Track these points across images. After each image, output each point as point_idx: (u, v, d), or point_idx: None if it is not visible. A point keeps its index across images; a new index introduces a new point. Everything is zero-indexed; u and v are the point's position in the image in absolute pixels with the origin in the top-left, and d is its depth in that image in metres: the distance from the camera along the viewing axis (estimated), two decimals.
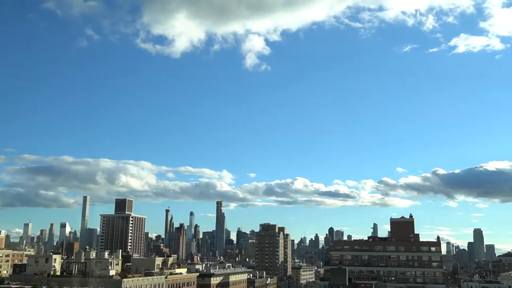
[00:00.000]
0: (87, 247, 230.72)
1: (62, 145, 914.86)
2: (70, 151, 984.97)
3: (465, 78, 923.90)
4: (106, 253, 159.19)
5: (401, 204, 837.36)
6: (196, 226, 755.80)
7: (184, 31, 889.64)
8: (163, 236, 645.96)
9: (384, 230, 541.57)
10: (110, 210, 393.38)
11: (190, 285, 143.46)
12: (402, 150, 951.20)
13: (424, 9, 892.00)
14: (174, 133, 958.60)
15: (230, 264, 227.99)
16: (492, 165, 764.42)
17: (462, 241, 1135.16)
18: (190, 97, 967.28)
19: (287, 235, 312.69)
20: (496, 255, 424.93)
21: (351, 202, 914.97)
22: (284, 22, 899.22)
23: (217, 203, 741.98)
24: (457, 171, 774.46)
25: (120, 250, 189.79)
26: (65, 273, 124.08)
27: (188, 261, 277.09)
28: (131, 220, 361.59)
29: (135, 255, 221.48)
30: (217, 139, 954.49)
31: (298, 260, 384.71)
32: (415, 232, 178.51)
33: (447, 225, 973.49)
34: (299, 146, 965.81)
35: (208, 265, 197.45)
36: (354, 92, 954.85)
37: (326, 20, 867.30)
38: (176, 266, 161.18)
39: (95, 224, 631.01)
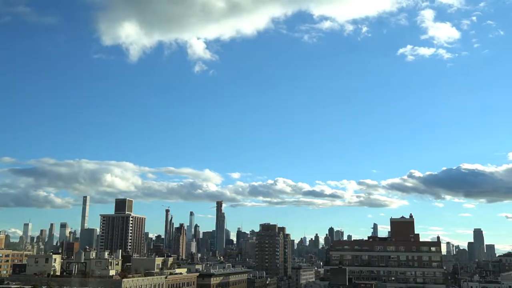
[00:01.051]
0: (87, 247, 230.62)
1: (39, 147, 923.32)
2: (48, 153, 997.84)
3: (423, 85, 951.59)
4: (106, 253, 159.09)
5: (391, 205, 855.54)
6: (196, 226, 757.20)
7: (136, 40, 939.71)
8: (163, 236, 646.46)
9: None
10: (105, 210, 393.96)
11: (190, 285, 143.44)
12: (373, 152, 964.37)
13: (359, 20, 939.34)
14: (150, 134, 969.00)
15: (230, 264, 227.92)
16: (465, 167, 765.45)
17: (456, 241, 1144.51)
18: (158, 99, 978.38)
19: (287, 235, 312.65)
20: (496, 255, 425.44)
21: (340, 202, 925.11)
22: (230, 30, 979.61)
23: (217, 203, 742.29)
24: (434, 172, 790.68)
25: (120, 250, 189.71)
26: (65, 273, 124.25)
27: (188, 261, 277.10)
28: (131, 220, 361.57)
29: (135, 255, 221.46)
30: (195, 139, 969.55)
31: (298, 260, 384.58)
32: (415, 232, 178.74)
33: (439, 225, 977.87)
34: (276, 147, 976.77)
35: (208, 265, 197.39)
36: (320, 98, 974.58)
37: (268, 29, 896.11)
38: (176, 266, 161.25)
39: (95, 224, 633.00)
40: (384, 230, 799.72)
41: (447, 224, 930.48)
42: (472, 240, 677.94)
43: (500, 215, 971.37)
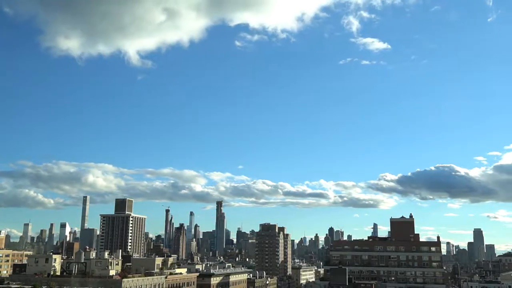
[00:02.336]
0: (87, 247, 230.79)
1: (13, 151, 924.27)
2: (23, 156, 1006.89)
3: (378, 93, 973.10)
4: (106, 253, 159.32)
5: (378, 206, 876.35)
6: (196, 226, 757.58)
7: (82, 51, 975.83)
8: (163, 236, 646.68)
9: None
10: (105, 210, 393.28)
11: (190, 285, 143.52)
12: (343, 155, 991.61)
13: (287, 31, 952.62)
14: (124, 136, 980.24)
15: (230, 264, 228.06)
16: (440, 169, 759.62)
17: (449, 240, 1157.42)
18: (122, 100, 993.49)
19: (287, 235, 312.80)
20: (496, 255, 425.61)
21: (325, 201, 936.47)
22: (168, 40, 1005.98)
23: (217, 203, 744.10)
24: (407, 174, 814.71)
25: (120, 250, 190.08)
26: (65, 273, 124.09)
27: (188, 261, 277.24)
28: (131, 220, 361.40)
29: (135, 255, 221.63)
30: (171, 140, 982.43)
31: (298, 260, 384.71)
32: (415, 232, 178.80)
33: (428, 224, 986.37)
34: (252, 148, 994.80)
35: (208, 265, 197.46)
36: (278, 104, 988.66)
37: (202, 39, 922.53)
38: (176, 266, 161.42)
39: (95, 224, 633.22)
40: (370, 231, 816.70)
41: (437, 224, 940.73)
42: (470, 240, 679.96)
43: (483, 215, 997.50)
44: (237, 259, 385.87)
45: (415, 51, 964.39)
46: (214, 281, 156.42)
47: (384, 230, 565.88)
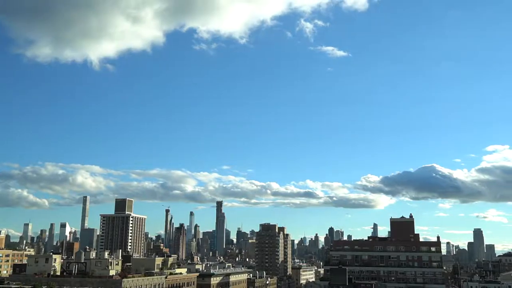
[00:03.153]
0: (87, 247, 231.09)
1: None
2: (8, 158, 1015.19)
3: (356, 95, 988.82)
4: (106, 253, 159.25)
5: (370, 206, 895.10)
6: (196, 226, 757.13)
7: (52, 57, 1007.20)
8: (163, 236, 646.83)
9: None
10: (105, 210, 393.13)
11: (190, 285, 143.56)
12: (326, 156, 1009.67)
13: (245, 39, 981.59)
14: (109, 136, 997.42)
15: (230, 264, 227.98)
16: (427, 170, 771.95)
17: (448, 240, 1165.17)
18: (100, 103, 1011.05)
19: (287, 235, 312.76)
20: (496, 255, 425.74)
21: (315, 201, 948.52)
22: (133, 44, 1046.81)
23: (217, 203, 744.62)
24: (389, 175, 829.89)
25: (120, 250, 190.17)
26: (65, 273, 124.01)
27: (188, 261, 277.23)
28: (131, 220, 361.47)
29: (135, 255, 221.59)
30: (156, 141, 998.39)
31: (298, 260, 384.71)
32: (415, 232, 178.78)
33: (423, 224, 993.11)
34: (238, 148, 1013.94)
35: (208, 265, 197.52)
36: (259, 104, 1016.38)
37: (164, 43, 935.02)
38: (176, 266, 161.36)
39: (95, 224, 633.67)
40: (365, 231, 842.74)
41: (430, 224, 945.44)
42: (466, 240, 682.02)
43: (472, 215, 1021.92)
44: (237, 259, 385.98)
45: (377, 57, 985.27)
46: (214, 281, 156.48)
47: (381, 230, 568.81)
